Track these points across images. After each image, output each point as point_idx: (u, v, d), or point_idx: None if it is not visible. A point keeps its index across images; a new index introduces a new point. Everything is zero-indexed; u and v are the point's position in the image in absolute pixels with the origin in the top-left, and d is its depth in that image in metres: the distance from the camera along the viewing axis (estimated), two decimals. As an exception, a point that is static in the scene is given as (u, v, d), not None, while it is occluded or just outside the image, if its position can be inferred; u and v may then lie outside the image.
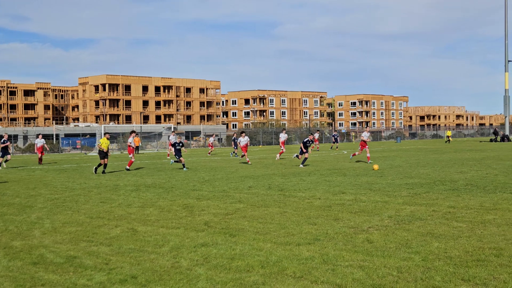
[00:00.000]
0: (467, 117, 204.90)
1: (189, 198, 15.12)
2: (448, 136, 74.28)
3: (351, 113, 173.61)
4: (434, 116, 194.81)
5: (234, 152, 43.64)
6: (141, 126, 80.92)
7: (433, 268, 7.05)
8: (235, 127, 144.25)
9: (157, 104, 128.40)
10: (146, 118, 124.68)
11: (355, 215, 11.57)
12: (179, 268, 7.44)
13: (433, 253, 7.92)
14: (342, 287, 6.35)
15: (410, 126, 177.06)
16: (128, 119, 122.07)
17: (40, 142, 36.45)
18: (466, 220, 10.61)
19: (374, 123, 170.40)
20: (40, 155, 36.14)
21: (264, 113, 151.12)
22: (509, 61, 77.46)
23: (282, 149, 35.73)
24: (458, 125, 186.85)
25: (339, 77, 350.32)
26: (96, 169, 25.34)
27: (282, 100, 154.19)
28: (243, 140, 32.95)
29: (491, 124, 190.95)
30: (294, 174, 22.53)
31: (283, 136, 36.74)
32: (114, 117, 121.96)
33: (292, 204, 13.42)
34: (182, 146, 28.49)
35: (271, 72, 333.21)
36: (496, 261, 7.33)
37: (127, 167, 27.70)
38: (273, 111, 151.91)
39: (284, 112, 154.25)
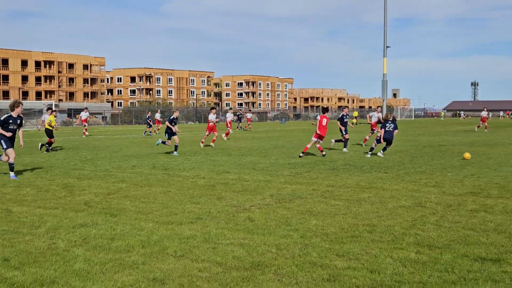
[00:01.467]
0: (348, 100, 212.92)
1: (69, 178, 14.61)
2: (355, 117, 77.65)
3: (238, 93, 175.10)
4: (317, 98, 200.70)
5: (146, 132, 43.34)
6: (19, 103, 76.71)
7: (310, 245, 7.30)
8: (120, 105, 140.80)
9: (38, 79, 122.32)
10: (25, 94, 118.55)
11: (238, 194, 11.71)
12: (55, 249, 7.18)
13: (311, 230, 8.19)
14: (222, 264, 6.41)
15: (294, 107, 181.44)
16: (6, 94, 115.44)
17: None
18: (343, 198, 11.06)
19: (260, 104, 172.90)
20: None
21: (151, 92, 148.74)
22: (387, 47, 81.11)
23: (229, 130, 35.85)
24: (340, 107, 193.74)
25: (227, 57, 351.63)
26: (42, 145, 24.30)
27: (169, 79, 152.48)
28: (213, 116, 28.24)
29: (370, 107, 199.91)
30: (180, 153, 22.41)
31: (229, 116, 37.48)
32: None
33: (176, 184, 13.34)
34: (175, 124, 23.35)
35: (158, 50, 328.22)
36: (368, 237, 7.70)
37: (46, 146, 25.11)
38: (159, 90, 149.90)
39: (171, 91, 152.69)
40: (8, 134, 14.66)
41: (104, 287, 5.69)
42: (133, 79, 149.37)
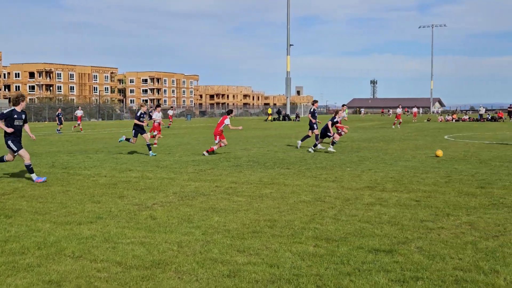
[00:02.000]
0: (253, 97, 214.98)
1: (-40, 178, 13.85)
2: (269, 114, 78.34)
3: (143, 90, 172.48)
4: (223, 95, 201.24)
5: (58, 130, 41.36)
6: None
7: (212, 241, 7.33)
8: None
9: None
10: None
11: (141, 192, 11.56)
12: None
13: (213, 227, 8.22)
14: (122, 264, 6.31)
15: (200, 104, 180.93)
16: None
17: None
18: (245, 194, 11.18)
19: (165, 101, 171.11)
20: None
21: (51, 88, 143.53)
22: (290, 45, 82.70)
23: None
24: (245, 104, 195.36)
25: (131, 53, 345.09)
26: None
27: (71, 74, 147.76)
28: (158, 115, 27.48)
29: (274, 104, 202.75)
30: (80, 152, 21.79)
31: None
32: None
33: (76, 183, 12.97)
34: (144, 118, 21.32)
35: (59, 45, 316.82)
36: (269, 232, 7.83)
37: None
38: (60, 86, 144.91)
39: (73, 87, 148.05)
40: (9, 130, 13.02)
41: (-4, 291, 5.46)
42: (32, 75, 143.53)
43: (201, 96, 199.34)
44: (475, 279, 5.66)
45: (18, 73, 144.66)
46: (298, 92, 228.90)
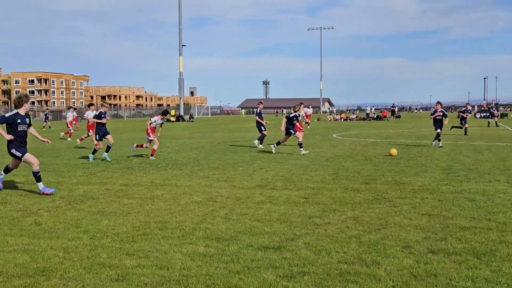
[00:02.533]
0: (146, 98, 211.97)
1: None
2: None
3: (30, 91, 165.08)
4: (115, 96, 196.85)
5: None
6: None
7: (100, 246, 7.14)
8: None
9: None
10: None
11: (25, 197, 11.05)
12: None
13: (101, 231, 8.01)
14: (2, 273, 6.00)
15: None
16: None
17: None
18: (136, 196, 11.00)
19: (54, 102, 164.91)
20: None
21: None
22: (183, 45, 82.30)
23: (71, 130, 34.23)
24: (138, 105, 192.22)
25: (16, 53, 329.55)
26: None
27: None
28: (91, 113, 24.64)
29: (168, 105, 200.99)
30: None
31: (70, 115, 36.05)
32: None
33: (-47, 189, 12.18)
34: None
35: None
36: (160, 234, 7.76)
37: None
38: None
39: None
40: (8, 137, 11.32)
41: None
42: None
43: (92, 97, 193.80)
44: (358, 271, 5.90)
45: None
46: (192, 93, 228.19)
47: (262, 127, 24.11)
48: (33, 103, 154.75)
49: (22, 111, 11.61)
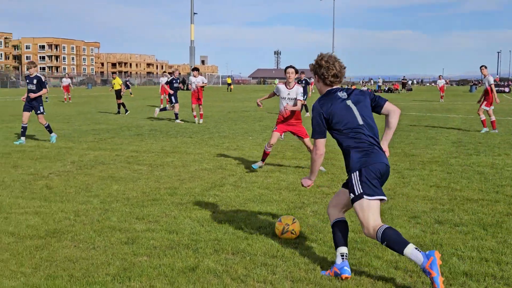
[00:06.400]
0: (157, 66, 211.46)
1: None
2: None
3: (40, 57, 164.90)
4: (125, 63, 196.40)
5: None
6: None
7: (110, 210, 7.24)
8: None
9: None
10: None
11: (36, 161, 11.17)
12: None
13: (111, 195, 8.11)
14: (14, 234, 6.11)
15: (102, 72, 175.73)
16: None
17: None
18: (146, 163, 11.08)
19: (65, 69, 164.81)
20: None
21: None
22: (194, 13, 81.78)
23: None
24: (148, 73, 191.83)
25: (27, 18, 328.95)
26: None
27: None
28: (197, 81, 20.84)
29: (179, 73, 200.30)
30: (-29, 120, 20.69)
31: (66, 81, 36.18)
32: None
33: (-34, 152, 12.34)
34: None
35: None
36: (169, 200, 7.83)
37: None
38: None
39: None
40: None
41: None
42: None
43: (102, 64, 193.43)
44: (364, 239, 5.92)
45: None
46: (203, 62, 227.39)
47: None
48: (43, 69, 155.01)
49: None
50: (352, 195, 4.72)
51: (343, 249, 4.92)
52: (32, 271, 5.01)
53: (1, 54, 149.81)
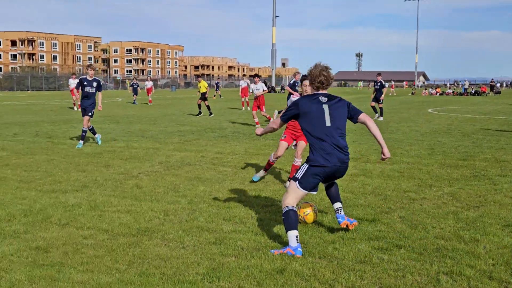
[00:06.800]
0: (238, 69, 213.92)
1: None
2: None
3: (127, 60, 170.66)
4: (208, 66, 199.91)
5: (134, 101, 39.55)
6: None
7: (198, 210, 7.39)
8: (0, 71, 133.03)
9: None
10: None
11: (126, 161, 11.56)
12: None
13: (198, 196, 8.28)
14: (108, 231, 6.36)
15: (185, 75, 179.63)
16: None
17: None
18: (231, 165, 11.23)
19: (150, 71, 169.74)
20: None
21: (34, 57, 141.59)
22: (276, 16, 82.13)
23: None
24: (230, 75, 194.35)
25: (115, 22, 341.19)
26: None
27: (53, 43, 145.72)
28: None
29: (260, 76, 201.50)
30: (64, 121, 21.66)
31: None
32: None
33: (60, 152, 12.94)
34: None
35: (41, 13, 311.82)
36: (255, 201, 7.91)
37: None
38: (43, 55, 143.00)
39: (56, 56, 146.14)
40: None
41: (-17, 257, 5.48)
42: (14, 43, 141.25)
43: (186, 67, 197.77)
44: (455, 247, 5.78)
45: None
46: (284, 64, 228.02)
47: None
48: (130, 72, 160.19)
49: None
50: (294, 177, 5.87)
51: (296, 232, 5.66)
52: (126, 268, 5.19)
53: (91, 57, 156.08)
